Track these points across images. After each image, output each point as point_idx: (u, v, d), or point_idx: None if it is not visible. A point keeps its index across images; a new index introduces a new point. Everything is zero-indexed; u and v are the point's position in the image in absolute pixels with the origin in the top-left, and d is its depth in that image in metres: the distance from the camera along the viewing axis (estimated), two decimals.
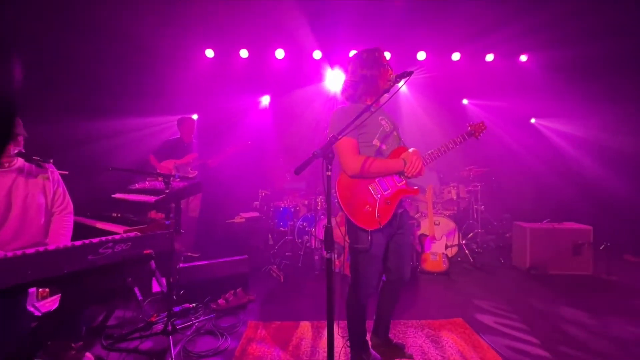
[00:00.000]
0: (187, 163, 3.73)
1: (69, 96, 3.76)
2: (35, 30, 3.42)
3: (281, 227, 4.06)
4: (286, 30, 4.54)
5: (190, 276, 2.70)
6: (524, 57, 5.16)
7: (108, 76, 4.17)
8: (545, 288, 3.01)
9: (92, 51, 3.96)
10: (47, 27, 3.51)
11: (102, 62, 4.11)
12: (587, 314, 2.49)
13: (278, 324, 2.33)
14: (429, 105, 5.49)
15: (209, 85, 4.96)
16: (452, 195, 4.16)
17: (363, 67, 1.63)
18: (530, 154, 5.48)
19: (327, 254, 1.21)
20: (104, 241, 1.48)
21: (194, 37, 4.55)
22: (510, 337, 2.18)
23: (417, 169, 1.57)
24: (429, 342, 2.06)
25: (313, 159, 1.17)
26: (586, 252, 3.29)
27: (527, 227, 3.43)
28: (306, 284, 3.15)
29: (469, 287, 3.06)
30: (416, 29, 4.58)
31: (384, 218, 1.56)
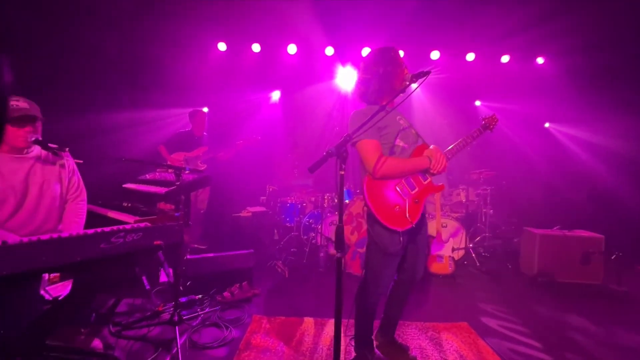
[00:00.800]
0: (197, 156, 3.76)
1: (83, 87, 3.82)
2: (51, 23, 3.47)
3: (287, 223, 4.07)
4: (299, 26, 4.51)
5: (196, 268, 2.73)
6: (541, 60, 5.05)
7: (122, 69, 4.22)
8: (553, 296, 2.97)
9: (106, 43, 4.01)
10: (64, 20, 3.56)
11: (116, 54, 4.15)
12: (595, 323, 2.45)
13: (282, 319, 2.35)
14: (441, 106, 5.41)
15: (221, 78, 4.97)
16: (461, 197, 4.12)
17: (379, 66, 1.60)
18: (542, 159, 5.38)
19: (338, 253, 1.20)
20: (116, 230, 1.50)
21: (206, 31, 4.56)
22: (515, 341, 2.17)
23: (442, 165, 1.57)
24: (432, 344, 2.05)
25: (327, 158, 1.16)
26: (597, 261, 3.22)
27: (537, 233, 3.38)
28: (311, 281, 3.16)
29: (475, 291, 3.03)
30: (430, 28, 4.52)
31: (415, 217, 1.54)
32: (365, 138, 1.49)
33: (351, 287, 1.88)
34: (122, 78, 4.25)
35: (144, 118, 4.50)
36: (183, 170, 2.14)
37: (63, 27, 3.60)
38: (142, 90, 4.42)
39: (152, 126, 4.54)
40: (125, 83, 4.29)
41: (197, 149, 3.78)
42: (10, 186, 1.64)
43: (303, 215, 4.01)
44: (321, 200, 3.86)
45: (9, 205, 1.64)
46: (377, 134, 1.56)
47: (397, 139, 1.59)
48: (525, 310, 2.65)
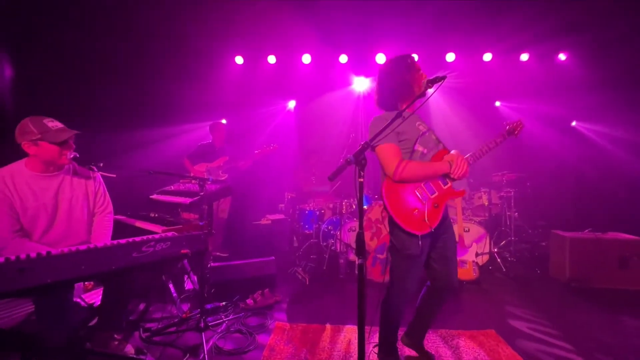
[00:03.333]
0: (219, 166, 3.89)
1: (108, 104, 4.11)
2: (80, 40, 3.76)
3: (306, 230, 4.10)
4: (312, 36, 4.60)
5: (220, 275, 2.81)
6: (563, 56, 4.88)
7: (147, 85, 4.47)
8: (588, 301, 2.82)
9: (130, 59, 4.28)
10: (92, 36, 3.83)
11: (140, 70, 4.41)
12: (632, 327, 2.31)
13: (304, 325, 2.36)
14: (460, 108, 5.32)
15: (238, 91, 5.14)
16: (483, 201, 4.00)
17: (395, 74, 1.63)
18: (570, 159, 5.15)
19: (359, 259, 1.21)
20: (146, 240, 1.58)
21: (224, 45, 4.75)
22: (545, 343, 2.12)
23: (463, 170, 1.55)
24: (460, 352, 2.00)
25: (346, 166, 1.19)
26: (635, 265, 3.03)
27: (567, 237, 3.23)
28: (331, 288, 3.16)
29: (502, 297, 2.92)
30: (444, 30, 4.48)
31: (434, 221, 1.54)
32: (384, 142, 1.52)
33: (372, 293, 1.87)
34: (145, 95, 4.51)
35: (168, 133, 4.73)
36: (206, 181, 2.22)
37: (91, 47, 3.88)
38: (166, 105, 4.66)
39: (175, 140, 4.77)
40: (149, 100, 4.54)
41: (218, 159, 3.92)
42: (42, 204, 1.71)
43: (322, 222, 4.02)
44: (339, 206, 3.86)
45: (42, 222, 1.72)
46: (396, 139, 1.57)
47: (416, 144, 1.59)
48: (558, 315, 2.54)
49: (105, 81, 4.13)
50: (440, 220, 1.56)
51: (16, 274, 1.20)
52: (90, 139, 1.96)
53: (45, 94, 3.62)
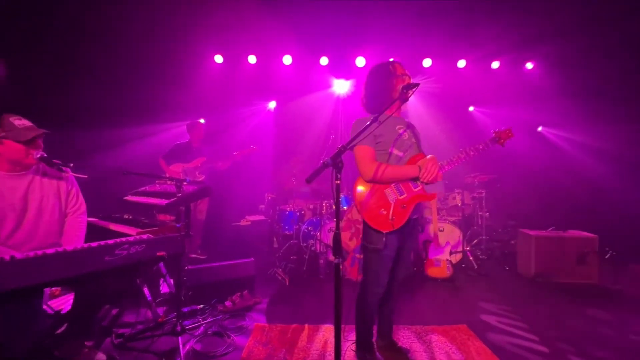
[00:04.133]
0: (195, 167, 3.81)
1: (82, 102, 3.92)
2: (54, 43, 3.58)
3: (286, 231, 4.10)
4: (293, 37, 4.62)
5: (197, 278, 2.76)
6: (530, 65, 5.18)
7: (122, 84, 4.32)
8: (551, 295, 3.02)
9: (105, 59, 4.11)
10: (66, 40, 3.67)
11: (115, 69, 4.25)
12: (591, 320, 2.50)
13: (284, 326, 2.37)
14: (436, 112, 5.52)
15: (218, 90, 5.06)
16: (457, 201, 4.18)
17: (378, 80, 1.72)
18: (536, 162, 5.47)
19: (336, 259, 1.25)
20: (119, 243, 1.54)
21: (203, 44, 4.67)
22: (514, 335, 2.27)
23: (432, 175, 1.60)
24: (433, 347, 2.09)
25: (323, 169, 1.22)
26: (592, 260, 3.28)
27: (533, 235, 3.44)
28: (311, 288, 3.18)
29: (474, 293, 3.07)
30: (421, 36, 4.64)
31: (398, 222, 1.62)
32: (361, 144, 1.60)
33: (350, 293, 1.92)
34: (120, 94, 4.34)
35: (143, 132, 4.58)
36: (183, 181, 2.18)
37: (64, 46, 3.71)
38: (141, 104, 4.50)
39: (151, 139, 4.62)
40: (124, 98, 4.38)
41: (195, 160, 3.84)
42: (9, 204, 1.65)
43: (302, 223, 4.05)
44: (320, 207, 3.90)
45: (9, 223, 1.65)
46: (373, 141, 1.66)
47: (392, 147, 1.67)
48: (524, 308, 2.71)
49: (77, 79, 3.95)
50: (406, 220, 1.64)
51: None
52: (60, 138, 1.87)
53: (15, 91, 3.42)
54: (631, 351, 2.09)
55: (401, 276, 1.84)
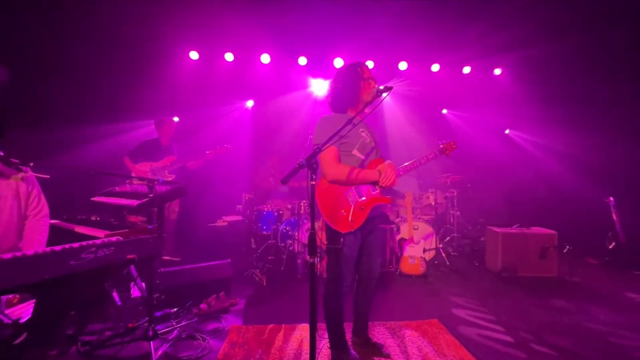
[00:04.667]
0: (165, 166, 3.65)
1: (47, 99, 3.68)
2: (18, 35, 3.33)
3: (264, 231, 4.07)
4: (272, 36, 4.59)
5: (171, 281, 2.68)
6: (498, 71, 5.46)
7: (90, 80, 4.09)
8: (515, 288, 3.21)
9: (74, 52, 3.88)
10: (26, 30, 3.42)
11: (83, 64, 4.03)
12: (551, 309, 2.70)
13: (261, 327, 2.36)
14: (411, 114, 5.68)
15: (193, 88, 4.93)
16: (431, 201, 4.34)
17: (346, 80, 1.74)
18: (504, 163, 5.79)
19: (311, 258, 1.27)
20: (86, 246, 1.47)
21: (178, 39, 4.52)
22: (482, 327, 2.41)
23: (391, 180, 1.71)
24: (406, 342, 2.16)
25: (299, 170, 1.23)
26: (552, 255, 3.53)
27: (499, 232, 3.64)
28: (289, 288, 3.19)
29: (446, 288, 3.21)
30: (398, 39, 4.76)
31: (357, 222, 1.69)
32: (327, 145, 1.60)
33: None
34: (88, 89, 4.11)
35: (112, 130, 4.36)
36: (155, 181, 2.12)
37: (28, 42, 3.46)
38: (111, 101, 4.30)
39: (122, 138, 4.41)
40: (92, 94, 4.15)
41: (164, 158, 3.68)
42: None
43: (280, 223, 4.03)
44: (298, 207, 3.91)
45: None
46: (338, 141, 1.69)
47: (355, 149, 1.73)
48: (491, 301, 2.87)
49: (41, 75, 3.69)
50: (364, 221, 1.71)
51: None
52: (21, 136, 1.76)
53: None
54: (586, 337, 2.27)
55: (374, 273, 1.90)
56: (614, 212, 4.01)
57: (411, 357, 1.99)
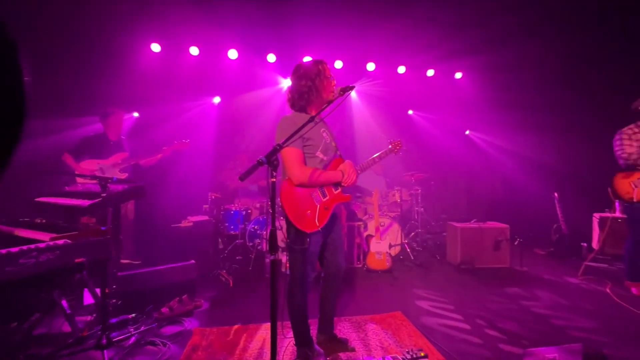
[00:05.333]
0: (115, 164, 3.37)
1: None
2: None
3: (232, 231, 3.98)
4: (239, 31, 4.49)
5: (130, 285, 2.54)
6: (459, 75, 5.77)
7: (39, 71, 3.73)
8: (473, 279, 3.42)
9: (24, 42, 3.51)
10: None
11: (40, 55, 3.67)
12: (503, 297, 2.91)
13: (226, 328, 2.31)
14: (379, 114, 5.84)
15: (155, 81, 4.68)
16: (396, 198, 4.49)
17: (308, 77, 1.73)
18: (464, 162, 6.14)
19: (271, 255, 1.27)
20: (25, 250, 1.35)
21: (139, 30, 4.27)
22: (443, 317, 2.55)
23: (352, 179, 1.78)
24: (370, 334, 2.23)
25: (258, 167, 1.22)
26: (504, 247, 3.81)
27: (459, 227, 3.86)
28: (257, 287, 3.15)
29: (410, 282, 3.34)
30: (366, 40, 4.86)
31: (322, 222, 1.73)
32: (290, 146, 1.58)
33: None
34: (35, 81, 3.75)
35: (62, 125, 4.02)
36: (109, 180, 1.99)
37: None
38: (62, 94, 3.95)
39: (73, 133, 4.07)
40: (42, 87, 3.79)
41: (114, 155, 3.40)
42: None
43: (248, 222, 3.97)
44: (267, 205, 3.87)
45: None
46: (301, 144, 1.70)
47: (319, 151, 1.75)
48: (451, 292, 3.04)
49: None
50: (328, 220, 1.76)
51: None
52: None
53: None
54: (532, 320, 2.48)
55: (340, 270, 1.93)
56: (558, 207, 4.42)
57: (373, 349, 2.05)
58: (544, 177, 5.20)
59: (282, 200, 1.69)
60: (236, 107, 5.30)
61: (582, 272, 3.44)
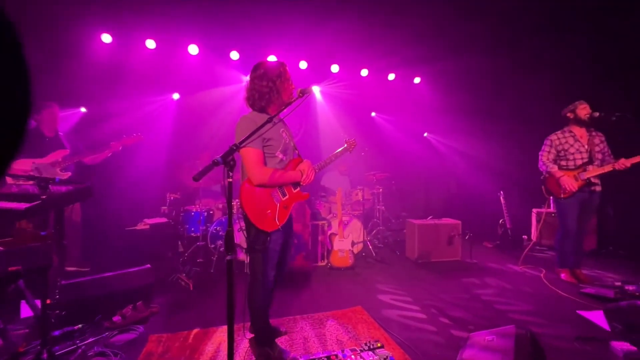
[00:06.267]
0: (55, 162, 3.07)
1: None
2: None
3: (192, 233, 3.85)
4: (201, 25, 4.34)
5: (76, 294, 2.35)
6: (418, 79, 6.09)
7: None
8: (429, 272, 3.65)
9: None
10: None
11: None
12: (455, 287, 3.15)
13: (184, 333, 2.24)
14: (343, 116, 5.97)
15: (107, 75, 4.36)
16: (359, 197, 4.64)
17: (269, 78, 1.73)
18: (422, 163, 6.50)
19: (228, 256, 1.27)
20: None
21: (87, 18, 3.95)
22: (402, 308, 2.69)
23: (310, 178, 1.84)
24: (331, 330, 2.29)
25: (213, 167, 1.21)
26: (456, 241, 4.10)
27: (416, 224, 4.08)
28: (218, 290, 3.08)
29: (372, 277, 3.48)
30: (330, 42, 4.94)
31: (282, 220, 1.76)
32: (249, 146, 1.59)
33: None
34: None
35: None
36: (50, 180, 1.84)
37: None
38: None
39: None
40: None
41: (53, 153, 3.11)
42: None
43: (210, 224, 3.86)
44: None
45: None
46: (261, 144, 1.70)
47: (279, 151, 1.77)
48: (410, 285, 3.22)
49: None
50: (287, 218, 1.80)
51: None
52: None
53: None
54: (479, 307, 2.72)
55: (287, 268, 2.03)
56: (503, 204, 4.85)
57: (333, 341, 2.11)
58: (491, 177, 5.67)
59: (243, 201, 1.68)
60: (197, 104, 5.11)
61: (521, 261, 3.82)
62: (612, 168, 2.98)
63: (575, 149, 3.15)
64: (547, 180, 3.29)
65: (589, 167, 3.09)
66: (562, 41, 4.34)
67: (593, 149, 3.12)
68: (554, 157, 3.24)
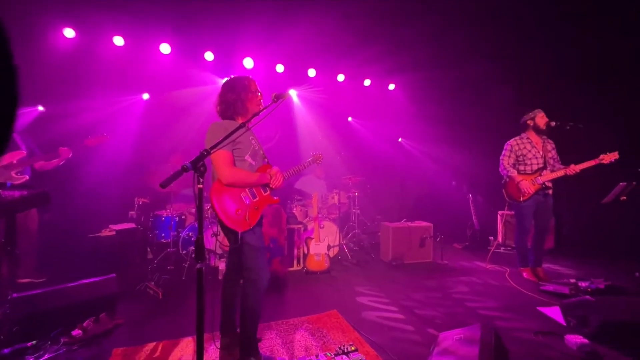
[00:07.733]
0: (10, 165, 2.86)
1: None
2: None
3: (162, 239, 3.70)
4: (174, 23, 4.21)
5: (29, 307, 2.18)
6: (392, 86, 6.27)
7: None
8: (403, 274, 3.74)
9: None
10: None
11: None
12: (428, 287, 3.25)
13: (152, 345, 2.14)
14: (320, 120, 6.02)
15: (69, 72, 4.10)
16: (335, 200, 4.68)
17: (234, 91, 1.87)
18: (397, 167, 6.68)
19: (198, 264, 1.23)
20: None
21: (48, 10, 3.70)
22: (379, 309, 2.75)
23: (279, 182, 1.93)
24: (306, 334, 2.28)
25: (182, 173, 1.18)
26: (428, 243, 4.25)
27: (391, 226, 4.18)
28: (190, 297, 2.97)
29: (349, 280, 3.51)
30: (307, 46, 4.97)
31: (253, 220, 1.79)
32: (221, 149, 1.64)
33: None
34: None
35: None
36: (3, 186, 1.70)
37: None
38: None
39: None
40: None
41: (7, 154, 2.87)
42: None
43: (182, 229, 3.72)
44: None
45: None
46: (231, 146, 1.77)
47: (247, 155, 1.84)
48: (385, 287, 3.29)
49: None
50: (258, 219, 1.84)
51: None
52: None
53: None
54: (450, 305, 2.83)
55: None
56: (471, 206, 5.09)
57: (309, 346, 2.11)
58: (461, 181, 5.95)
59: (213, 200, 1.72)
60: (168, 104, 4.93)
61: (488, 260, 4.02)
62: (564, 173, 3.23)
63: (532, 154, 3.38)
64: (507, 185, 3.51)
65: (543, 171, 3.34)
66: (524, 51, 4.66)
67: (546, 154, 3.38)
68: (514, 161, 3.47)
